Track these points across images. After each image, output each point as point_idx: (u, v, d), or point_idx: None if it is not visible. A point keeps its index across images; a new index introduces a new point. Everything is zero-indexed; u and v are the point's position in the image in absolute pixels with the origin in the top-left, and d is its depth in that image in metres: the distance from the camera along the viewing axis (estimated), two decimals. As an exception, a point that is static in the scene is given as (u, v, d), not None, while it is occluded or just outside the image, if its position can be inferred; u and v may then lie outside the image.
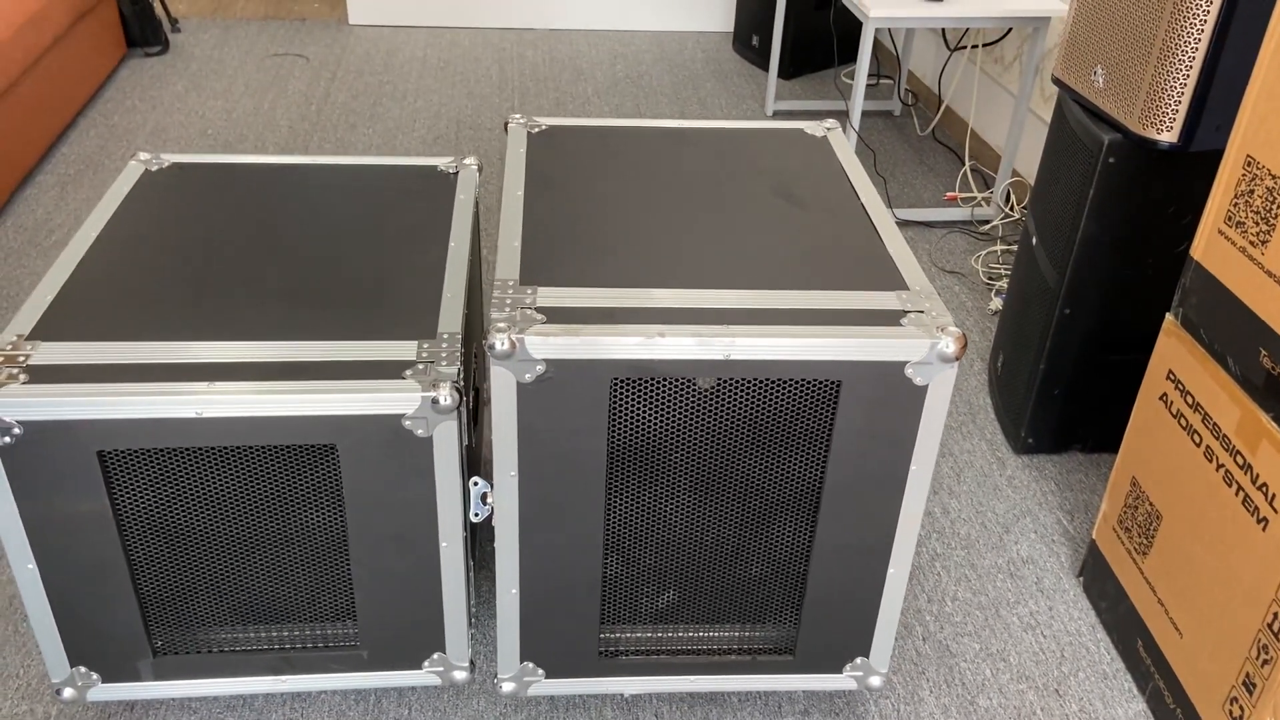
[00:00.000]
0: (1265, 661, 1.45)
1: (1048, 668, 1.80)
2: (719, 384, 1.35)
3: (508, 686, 1.58)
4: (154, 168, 1.80)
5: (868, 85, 4.15)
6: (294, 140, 3.53)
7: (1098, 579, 1.90)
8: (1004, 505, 2.15)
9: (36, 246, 2.85)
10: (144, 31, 4.13)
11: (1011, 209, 3.20)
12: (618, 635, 1.58)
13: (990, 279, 2.90)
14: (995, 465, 2.25)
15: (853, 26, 4.24)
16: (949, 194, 3.33)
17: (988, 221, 3.17)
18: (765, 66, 4.28)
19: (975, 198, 3.28)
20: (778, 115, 3.90)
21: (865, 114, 3.91)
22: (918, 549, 2.03)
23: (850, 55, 4.34)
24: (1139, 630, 1.76)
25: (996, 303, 2.77)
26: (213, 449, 1.36)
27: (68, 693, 1.53)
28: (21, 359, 1.33)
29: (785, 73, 4.17)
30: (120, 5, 4.03)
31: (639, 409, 1.36)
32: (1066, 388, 2.17)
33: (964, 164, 3.52)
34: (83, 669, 1.51)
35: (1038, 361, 2.17)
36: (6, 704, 1.66)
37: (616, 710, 1.69)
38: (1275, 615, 1.43)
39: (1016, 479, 2.22)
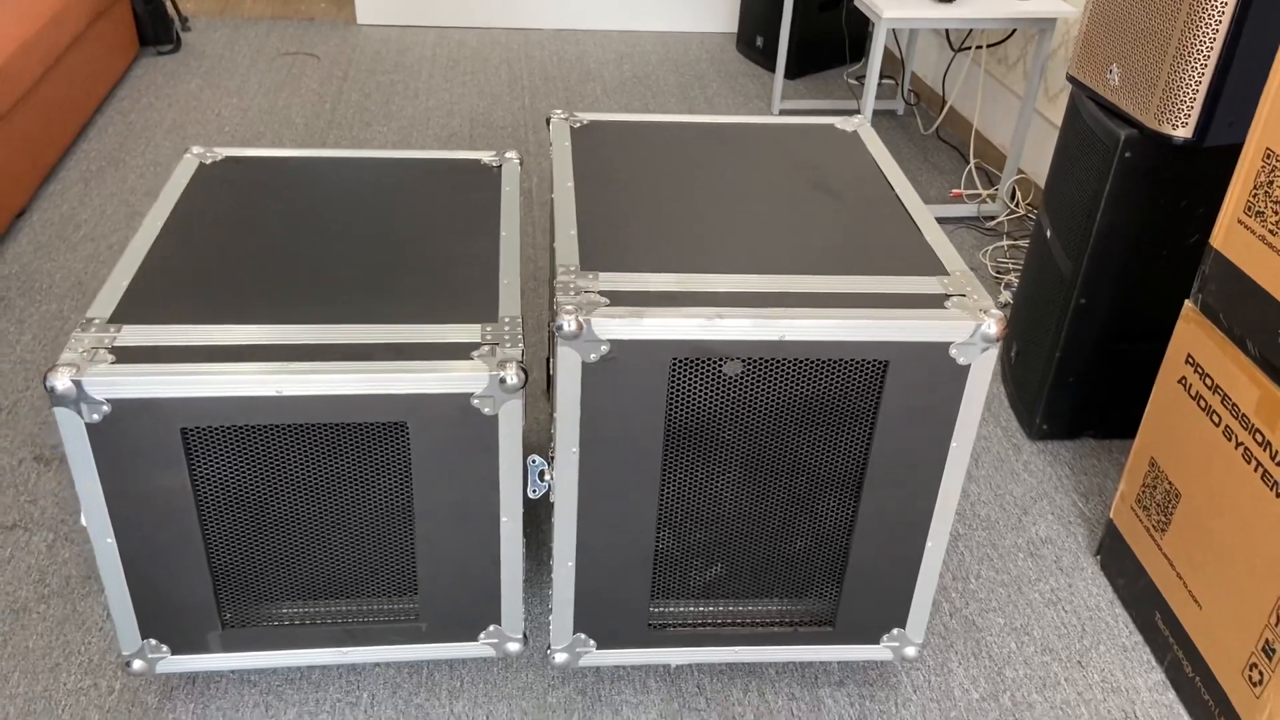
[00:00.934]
0: (1284, 628, 1.53)
1: (1069, 641, 1.88)
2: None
3: (560, 657, 1.65)
4: (208, 160, 1.85)
5: (870, 85, 4.23)
6: (310, 137, 3.58)
7: (1115, 557, 1.98)
8: (1021, 489, 2.23)
9: (65, 240, 2.90)
10: (156, 30, 4.17)
11: (1017, 205, 3.29)
12: (666, 609, 1.65)
13: (998, 274, 2.98)
14: (1011, 451, 2.33)
15: (856, 28, 4.32)
16: (954, 191, 3.41)
17: (993, 218, 3.25)
18: (768, 66, 4.36)
19: (981, 195, 3.37)
20: (784, 114, 3.97)
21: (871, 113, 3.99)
22: (940, 530, 2.11)
23: (853, 56, 4.42)
24: (1157, 604, 1.84)
25: (1005, 295, 2.86)
26: (290, 426, 1.42)
27: (137, 664, 1.58)
28: (108, 341, 1.39)
29: (790, 73, 4.24)
30: (134, 4, 4.07)
31: (696, 388, 1.43)
32: (1081, 376, 2.25)
33: (968, 162, 3.60)
34: (153, 641, 1.57)
35: (1053, 350, 2.25)
36: (70, 679, 1.71)
37: (660, 681, 1.75)
38: (1294, 584, 1.51)
39: (1032, 464, 2.30)
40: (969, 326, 1.39)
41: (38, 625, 1.80)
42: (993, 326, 1.39)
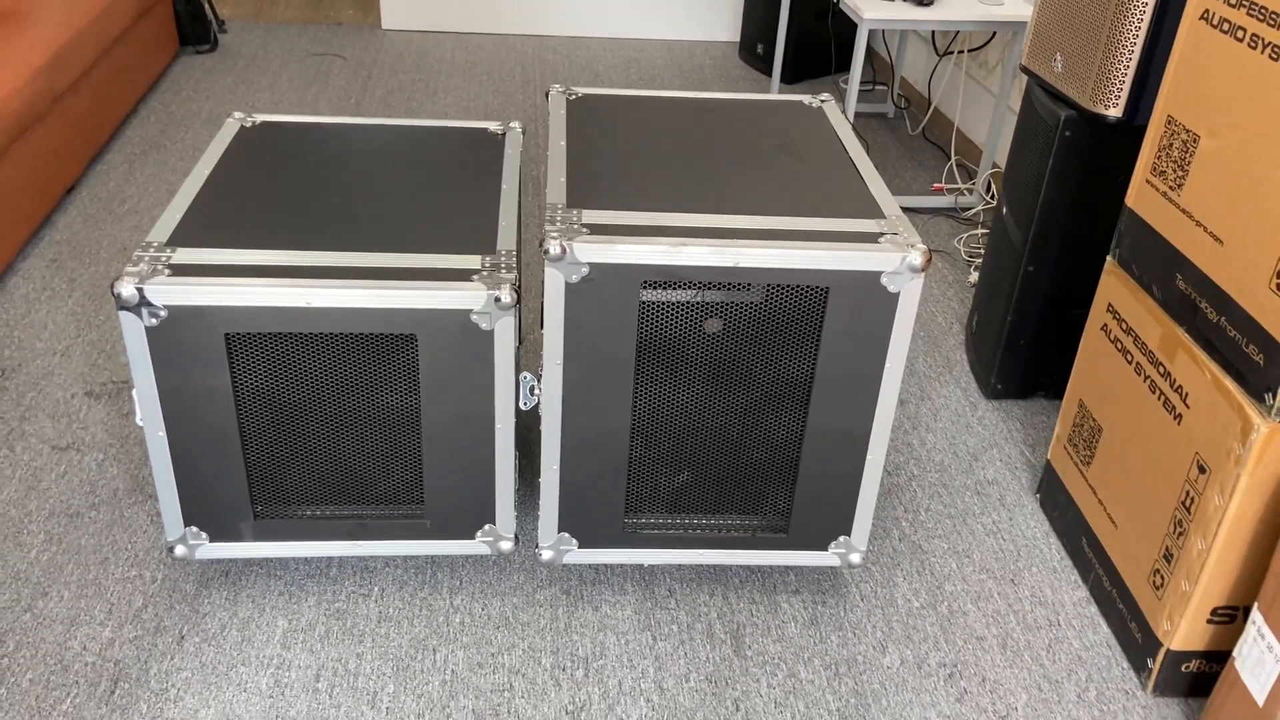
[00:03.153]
0: (1180, 534, 1.75)
1: (1005, 563, 2.10)
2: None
3: (546, 554, 1.88)
4: (247, 124, 2.11)
5: (864, 90, 4.48)
6: (337, 128, 3.85)
7: (1051, 493, 2.20)
8: (974, 439, 2.45)
9: (111, 213, 3.16)
10: (195, 30, 4.47)
11: (991, 197, 3.52)
12: (640, 520, 1.88)
13: (970, 257, 3.21)
14: (968, 408, 2.55)
15: (850, 37, 4.57)
16: (935, 185, 3.65)
17: (970, 208, 3.49)
18: (768, 72, 4.61)
19: (959, 188, 3.60)
20: (780, 115, 4.21)
21: (862, 115, 4.24)
22: (897, 472, 2.33)
23: (849, 63, 4.67)
24: (1083, 530, 2.06)
25: (974, 276, 3.08)
26: (316, 335, 1.66)
27: (180, 550, 1.82)
28: (165, 258, 1.64)
29: (787, 78, 4.49)
30: (175, 4, 4.36)
31: (664, 307, 1.67)
32: (1032, 339, 2.48)
33: (950, 158, 3.84)
34: (194, 529, 1.81)
35: (1005, 314, 2.47)
36: (118, 570, 1.95)
37: (635, 585, 1.98)
38: (1187, 493, 1.73)
39: (986, 419, 2.52)
40: (897, 258, 1.62)
41: (89, 528, 2.05)
42: (918, 258, 1.62)
